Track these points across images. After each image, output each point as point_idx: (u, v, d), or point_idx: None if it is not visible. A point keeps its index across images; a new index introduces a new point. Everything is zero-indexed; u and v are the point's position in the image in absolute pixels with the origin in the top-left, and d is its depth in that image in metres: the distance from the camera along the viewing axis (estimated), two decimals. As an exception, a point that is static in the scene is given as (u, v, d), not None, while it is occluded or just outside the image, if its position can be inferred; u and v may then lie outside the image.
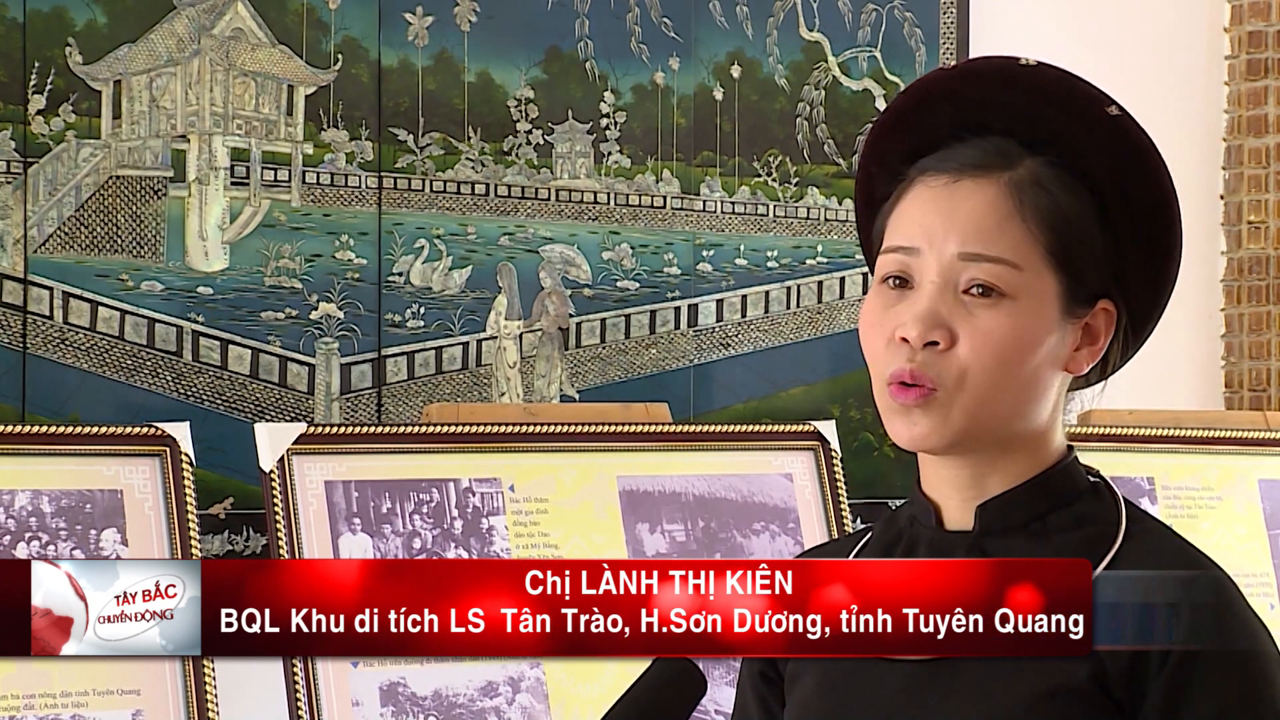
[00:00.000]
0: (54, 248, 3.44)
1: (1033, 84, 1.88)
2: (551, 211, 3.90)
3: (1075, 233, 1.85)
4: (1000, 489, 1.88)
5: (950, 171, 1.86)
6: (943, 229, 1.84)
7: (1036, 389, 1.85)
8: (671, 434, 3.49)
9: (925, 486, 1.91)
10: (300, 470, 3.16)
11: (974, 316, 1.82)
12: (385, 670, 3.13)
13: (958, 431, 1.83)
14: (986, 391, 1.82)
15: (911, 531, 1.92)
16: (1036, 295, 1.83)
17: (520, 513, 3.31)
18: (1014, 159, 1.86)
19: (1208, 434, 3.88)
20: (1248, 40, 4.72)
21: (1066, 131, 1.86)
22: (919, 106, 1.92)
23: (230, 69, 3.59)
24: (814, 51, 4.20)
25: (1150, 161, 1.88)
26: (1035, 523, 1.87)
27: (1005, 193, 1.84)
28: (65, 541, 3.01)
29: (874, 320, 1.86)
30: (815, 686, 1.92)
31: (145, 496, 3.08)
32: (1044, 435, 1.88)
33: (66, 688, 2.95)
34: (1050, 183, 1.85)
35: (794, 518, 3.51)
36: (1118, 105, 1.88)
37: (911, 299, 1.84)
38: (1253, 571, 3.81)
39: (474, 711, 3.17)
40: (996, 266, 1.82)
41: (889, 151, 1.92)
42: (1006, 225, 1.83)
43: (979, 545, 1.87)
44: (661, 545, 3.41)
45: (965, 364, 1.82)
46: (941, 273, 1.83)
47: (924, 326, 1.82)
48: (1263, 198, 4.71)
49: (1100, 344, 1.88)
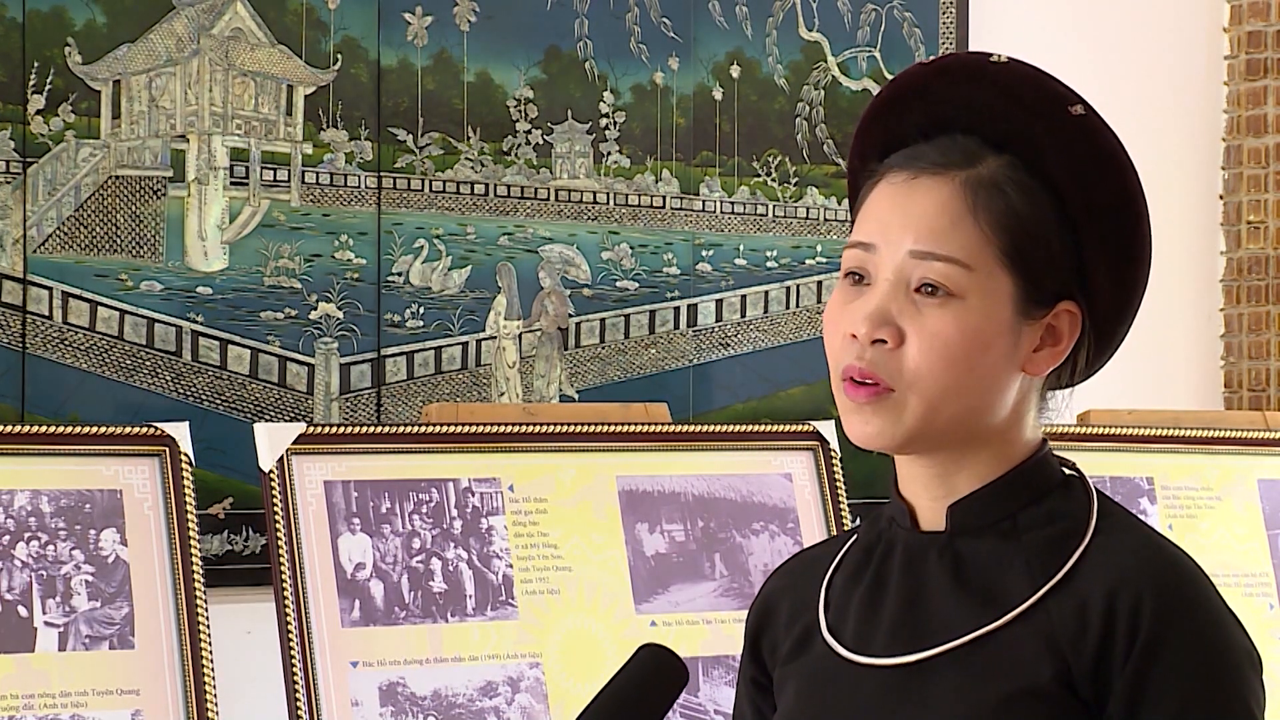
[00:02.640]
0: (53, 248, 3.44)
1: (1000, 81, 1.88)
2: (551, 211, 3.90)
3: (1030, 234, 1.84)
4: (969, 488, 1.88)
5: (911, 169, 1.87)
6: (898, 226, 1.85)
7: (989, 388, 1.85)
8: (671, 434, 3.49)
9: (901, 487, 1.93)
10: (300, 470, 3.16)
11: (923, 316, 1.82)
12: (385, 670, 3.13)
13: (909, 431, 1.84)
14: (936, 391, 1.82)
15: (889, 533, 1.93)
16: (988, 295, 1.83)
17: (519, 513, 3.31)
18: (975, 158, 1.86)
19: (1207, 434, 3.88)
20: (1247, 40, 4.72)
21: (1029, 131, 1.86)
22: (893, 102, 1.93)
23: (229, 69, 3.59)
24: (813, 51, 4.20)
25: (1114, 163, 1.87)
26: (1005, 521, 1.87)
27: (959, 192, 1.84)
28: (64, 542, 3.01)
29: (833, 316, 1.88)
30: (796, 693, 1.93)
31: (144, 496, 3.08)
32: (1008, 434, 1.88)
33: (66, 687, 2.95)
34: (1007, 183, 1.84)
35: (793, 518, 3.51)
36: (1084, 105, 1.87)
37: (866, 296, 1.85)
38: (1252, 571, 3.81)
39: (473, 711, 3.17)
40: (947, 266, 1.82)
41: (868, 146, 1.94)
42: (959, 225, 1.83)
43: (951, 546, 1.87)
44: (661, 545, 3.41)
45: (914, 364, 1.82)
46: (895, 270, 1.84)
47: (871, 325, 1.83)
48: (1262, 198, 4.71)
49: (1064, 345, 1.88)
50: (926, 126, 1.89)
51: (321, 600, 3.11)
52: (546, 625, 3.27)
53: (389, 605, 3.16)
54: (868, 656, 1.87)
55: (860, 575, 1.92)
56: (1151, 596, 1.78)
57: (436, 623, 3.19)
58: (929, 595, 1.86)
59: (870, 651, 1.87)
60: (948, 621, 1.84)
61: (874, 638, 1.88)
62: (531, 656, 3.24)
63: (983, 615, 1.83)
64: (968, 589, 1.85)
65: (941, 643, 1.83)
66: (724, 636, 3.39)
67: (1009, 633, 1.82)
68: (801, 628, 1.95)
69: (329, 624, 3.10)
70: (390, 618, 3.16)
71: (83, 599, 3.00)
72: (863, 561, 1.93)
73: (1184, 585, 1.81)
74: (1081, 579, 1.81)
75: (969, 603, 1.84)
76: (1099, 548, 1.84)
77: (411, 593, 3.18)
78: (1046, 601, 1.82)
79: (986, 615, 1.83)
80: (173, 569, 3.06)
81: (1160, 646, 1.77)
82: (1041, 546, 1.85)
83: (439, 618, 3.19)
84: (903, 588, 1.88)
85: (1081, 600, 1.80)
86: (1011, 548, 1.85)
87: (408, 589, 3.18)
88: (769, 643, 1.99)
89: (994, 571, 1.85)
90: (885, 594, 1.89)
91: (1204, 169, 4.72)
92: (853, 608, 1.91)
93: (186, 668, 3.01)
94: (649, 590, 3.37)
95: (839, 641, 1.90)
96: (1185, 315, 4.59)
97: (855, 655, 1.88)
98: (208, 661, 3.02)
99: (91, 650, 2.99)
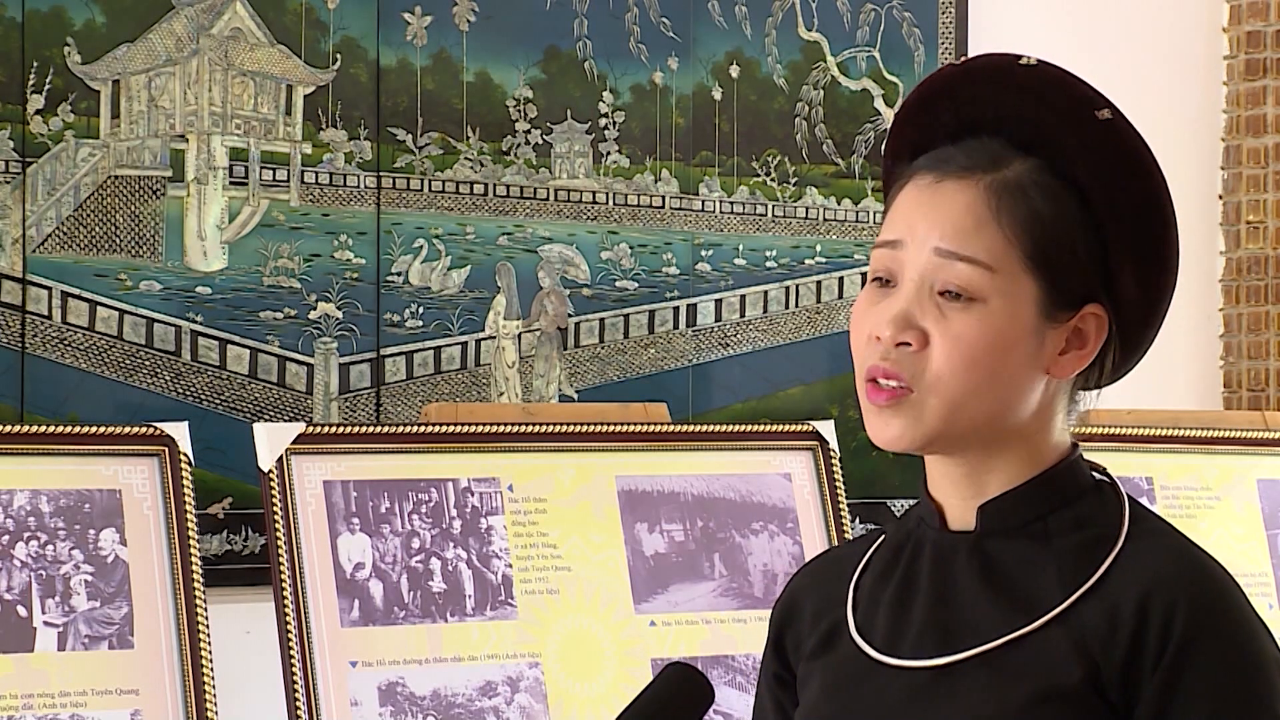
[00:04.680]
0: (52, 247, 3.44)
1: (1027, 84, 1.88)
2: (550, 211, 3.90)
3: (1054, 237, 1.84)
4: (1000, 489, 1.88)
5: (938, 171, 1.87)
6: (924, 226, 1.85)
7: (1013, 391, 1.85)
8: (670, 434, 3.49)
9: (930, 487, 1.92)
10: (299, 470, 3.16)
11: (946, 319, 1.83)
12: (384, 670, 3.13)
13: (929, 432, 1.84)
14: (958, 393, 1.83)
15: (918, 533, 1.93)
16: (1011, 298, 1.83)
17: (519, 512, 3.31)
18: (1001, 161, 1.86)
19: (1206, 434, 3.88)
20: (1246, 40, 4.72)
21: (1056, 134, 1.87)
22: (922, 104, 1.93)
23: (229, 69, 3.59)
24: (812, 51, 4.20)
25: (1141, 168, 1.87)
26: (1036, 524, 1.87)
27: (984, 195, 1.85)
28: (64, 542, 3.01)
29: (859, 318, 1.88)
30: (821, 690, 1.93)
31: (144, 496, 3.08)
32: (1036, 436, 1.89)
33: (65, 687, 2.95)
34: (1031, 186, 1.85)
35: (793, 518, 3.51)
36: (1112, 109, 1.87)
37: (891, 299, 1.85)
38: (1251, 571, 3.81)
39: (473, 711, 3.17)
40: (970, 268, 1.83)
41: (900, 147, 1.94)
42: (983, 227, 1.84)
43: (980, 547, 1.87)
44: (660, 545, 3.41)
45: (937, 366, 1.83)
46: (919, 271, 1.84)
47: (896, 328, 1.83)
48: (1261, 197, 4.71)
49: (1090, 348, 1.88)
50: (955, 128, 1.90)
51: (321, 600, 3.11)
52: (546, 625, 3.27)
53: (388, 605, 3.16)
54: (896, 657, 1.87)
55: (889, 575, 1.92)
56: (1184, 603, 1.78)
57: (436, 623, 3.19)
58: (958, 596, 1.86)
59: (899, 652, 1.87)
60: (977, 623, 1.84)
61: (903, 638, 1.88)
62: (531, 656, 3.24)
63: (1013, 618, 1.83)
64: (998, 591, 1.85)
65: (972, 645, 1.84)
66: (723, 636, 3.39)
67: (1039, 636, 1.82)
68: (827, 625, 1.95)
69: (328, 624, 3.10)
70: (389, 618, 3.16)
71: (82, 599, 3.00)
72: (891, 561, 1.93)
73: (1216, 592, 1.81)
74: (1113, 584, 1.82)
75: (999, 605, 1.84)
76: (1131, 553, 1.84)
77: (411, 593, 3.18)
78: (1078, 605, 1.82)
79: (1017, 618, 1.83)
80: (172, 569, 3.06)
81: (1191, 653, 1.77)
82: (1073, 551, 1.85)
83: (438, 618, 3.19)
84: (932, 588, 1.88)
85: (1113, 605, 1.80)
86: (1042, 551, 1.86)
87: (407, 589, 3.18)
88: (793, 639, 1.99)
89: (1025, 574, 1.85)
90: (914, 594, 1.89)
91: (1203, 169, 4.72)
92: (882, 607, 1.91)
93: (186, 668, 3.01)
94: (648, 590, 3.37)
95: (867, 641, 1.90)
96: (1184, 315, 4.60)
97: (884, 656, 1.88)
98: (207, 661, 3.02)
99: (91, 650, 2.98)
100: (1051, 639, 1.81)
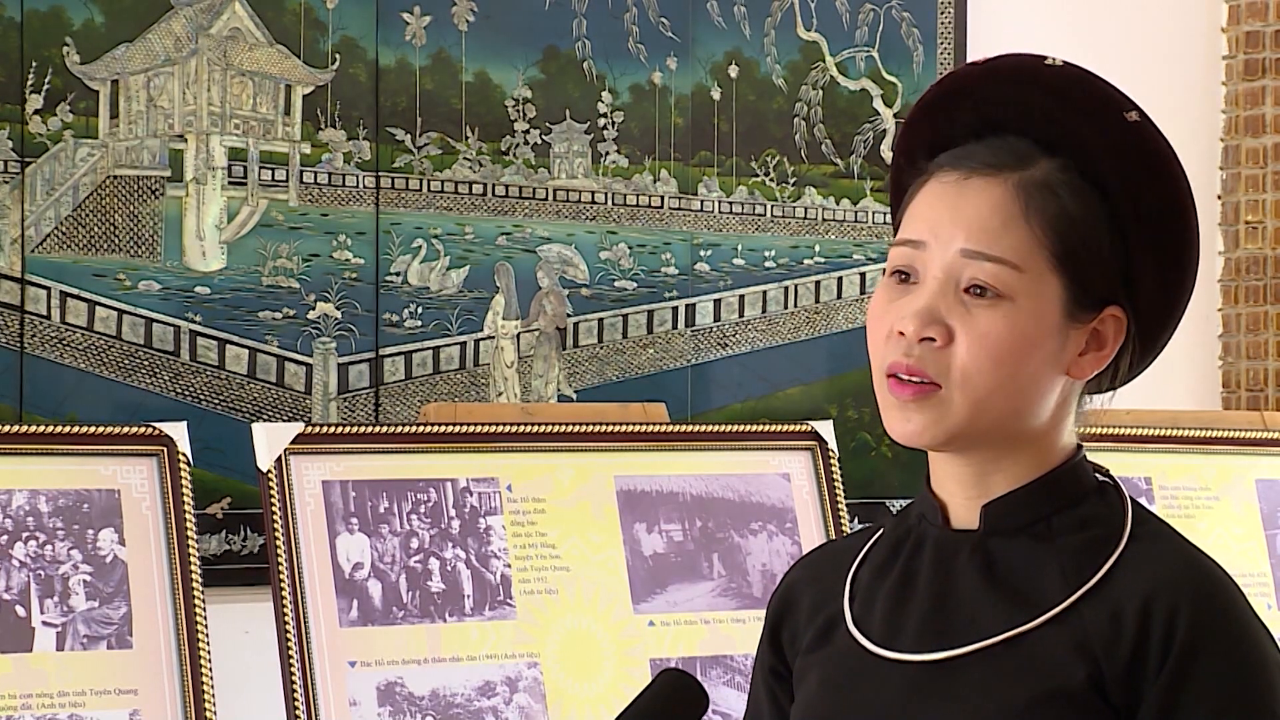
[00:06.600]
0: (51, 247, 3.44)
1: (1053, 85, 1.88)
2: (549, 211, 3.90)
3: (1081, 237, 1.84)
4: (1005, 488, 1.88)
5: (963, 169, 1.86)
6: (949, 225, 1.84)
7: (1034, 390, 1.85)
8: (669, 434, 3.49)
9: (934, 484, 1.92)
10: (298, 470, 3.16)
11: (972, 316, 1.82)
12: (383, 670, 3.13)
13: (952, 429, 1.84)
14: (982, 391, 1.82)
15: (919, 529, 1.93)
16: (1037, 297, 1.83)
17: (518, 512, 3.31)
18: (1027, 160, 1.86)
19: (1205, 434, 3.88)
20: (1245, 40, 4.72)
21: (1081, 135, 1.86)
22: (942, 101, 1.93)
23: (228, 69, 3.59)
24: (811, 51, 4.20)
25: (1167, 170, 1.87)
26: (1040, 524, 1.87)
27: (1012, 194, 1.84)
28: (62, 542, 3.01)
29: (878, 313, 1.87)
30: (819, 685, 1.93)
31: (143, 496, 3.08)
32: (1047, 436, 1.89)
33: (64, 687, 2.95)
34: (1060, 186, 1.85)
35: (791, 518, 3.51)
36: (1139, 111, 1.87)
37: (914, 294, 1.85)
38: (1250, 571, 3.81)
39: (471, 711, 3.17)
40: (997, 267, 1.83)
41: (916, 144, 1.94)
42: (1010, 226, 1.84)
43: (983, 545, 1.87)
44: (659, 545, 3.41)
45: (962, 363, 1.82)
46: (944, 269, 1.84)
47: (921, 322, 1.83)
48: (1260, 198, 4.71)
49: (1108, 350, 1.88)
50: (978, 126, 1.89)
51: (319, 600, 3.11)
52: (545, 625, 3.27)
53: (387, 605, 3.16)
54: (895, 651, 1.87)
55: (887, 569, 1.92)
56: (1187, 606, 1.78)
57: (434, 622, 3.19)
58: (959, 593, 1.86)
59: (898, 646, 1.87)
60: (978, 620, 1.84)
61: (902, 633, 1.87)
62: (529, 656, 3.24)
63: (1015, 616, 1.83)
64: (1000, 589, 1.85)
65: (972, 641, 1.83)
66: (722, 636, 3.39)
67: (1041, 634, 1.82)
68: (824, 619, 1.95)
69: (327, 624, 3.10)
70: (388, 617, 3.16)
71: (81, 599, 3.00)
72: (890, 556, 1.93)
73: (1219, 596, 1.82)
74: (1116, 585, 1.82)
75: (1001, 602, 1.84)
76: (1134, 555, 1.84)
77: (409, 592, 3.18)
78: (1080, 605, 1.82)
79: (1019, 616, 1.83)
80: (171, 569, 3.06)
81: (1195, 656, 1.77)
82: (1076, 551, 1.85)
83: (437, 617, 3.19)
84: (932, 584, 1.88)
85: (1116, 606, 1.80)
86: (1045, 550, 1.85)
87: (406, 589, 3.18)
88: (789, 632, 1.99)
89: (1027, 573, 1.85)
90: (914, 589, 1.89)
91: (1202, 169, 4.72)
92: (879, 601, 1.91)
93: (184, 667, 3.01)
94: (647, 590, 3.37)
95: (865, 635, 1.90)
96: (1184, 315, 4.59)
97: (882, 650, 1.88)
98: (206, 661, 3.02)
99: (89, 650, 2.98)
100: (1052, 638, 1.81)
